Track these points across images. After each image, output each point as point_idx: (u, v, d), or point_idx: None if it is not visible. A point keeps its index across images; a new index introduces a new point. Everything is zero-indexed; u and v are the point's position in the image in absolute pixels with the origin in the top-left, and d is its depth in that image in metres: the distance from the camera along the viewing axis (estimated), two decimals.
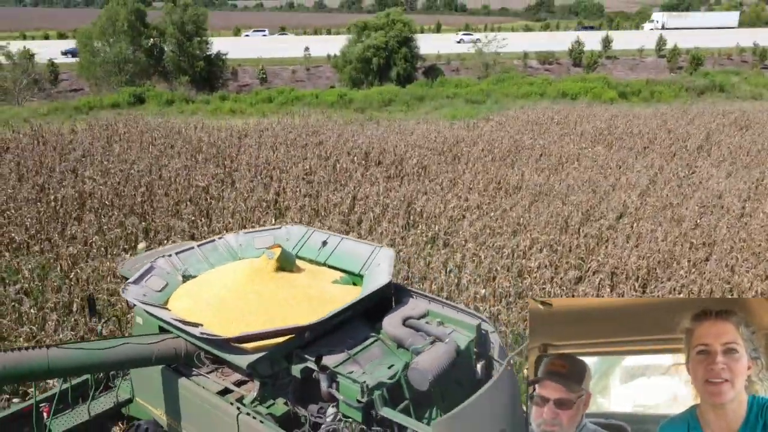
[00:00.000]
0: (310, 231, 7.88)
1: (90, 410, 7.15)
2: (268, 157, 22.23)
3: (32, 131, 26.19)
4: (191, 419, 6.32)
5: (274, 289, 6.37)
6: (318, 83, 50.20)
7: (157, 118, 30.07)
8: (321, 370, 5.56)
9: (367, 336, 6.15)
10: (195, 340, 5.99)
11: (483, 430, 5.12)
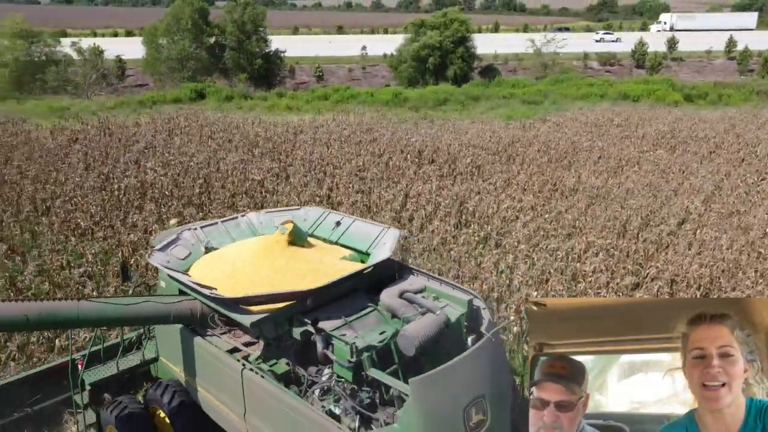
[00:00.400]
0: (326, 213, 8.50)
1: (119, 366, 7.87)
2: (322, 153, 22.45)
3: (99, 123, 27.32)
4: (204, 375, 6.88)
5: (284, 261, 6.88)
6: (373, 82, 50.43)
7: (216, 113, 30.84)
8: (317, 332, 6.13)
9: (366, 306, 6.62)
10: (208, 302, 6.60)
11: (459, 392, 5.49)
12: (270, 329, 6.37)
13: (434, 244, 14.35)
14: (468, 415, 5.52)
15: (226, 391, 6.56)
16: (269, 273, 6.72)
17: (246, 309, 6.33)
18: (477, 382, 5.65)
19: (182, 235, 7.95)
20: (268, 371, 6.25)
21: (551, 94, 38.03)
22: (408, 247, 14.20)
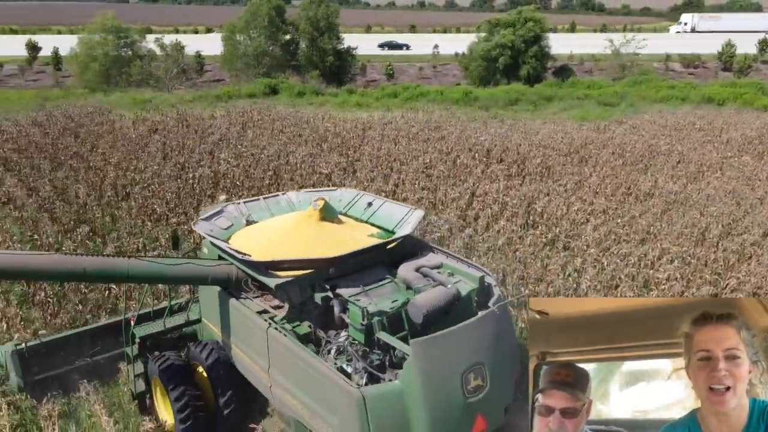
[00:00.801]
0: (360, 194, 9.05)
1: (165, 324, 8.70)
2: (389, 149, 22.51)
3: (178, 115, 28.46)
4: (237, 334, 7.49)
5: (314, 234, 7.45)
6: (444, 81, 50.13)
7: (288, 108, 31.50)
8: (335, 297, 6.77)
9: (384, 278, 7.10)
10: (241, 266, 7.29)
11: (458, 357, 5.86)
12: (295, 293, 6.95)
13: (499, 244, 14.09)
14: (466, 379, 5.88)
15: (254, 348, 7.12)
16: (299, 244, 7.26)
17: (273, 273, 6.97)
18: (477, 350, 5.99)
19: (227, 208, 8.69)
20: (291, 331, 6.73)
21: (629, 96, 36.58)
22: (472, 245, 14.02)
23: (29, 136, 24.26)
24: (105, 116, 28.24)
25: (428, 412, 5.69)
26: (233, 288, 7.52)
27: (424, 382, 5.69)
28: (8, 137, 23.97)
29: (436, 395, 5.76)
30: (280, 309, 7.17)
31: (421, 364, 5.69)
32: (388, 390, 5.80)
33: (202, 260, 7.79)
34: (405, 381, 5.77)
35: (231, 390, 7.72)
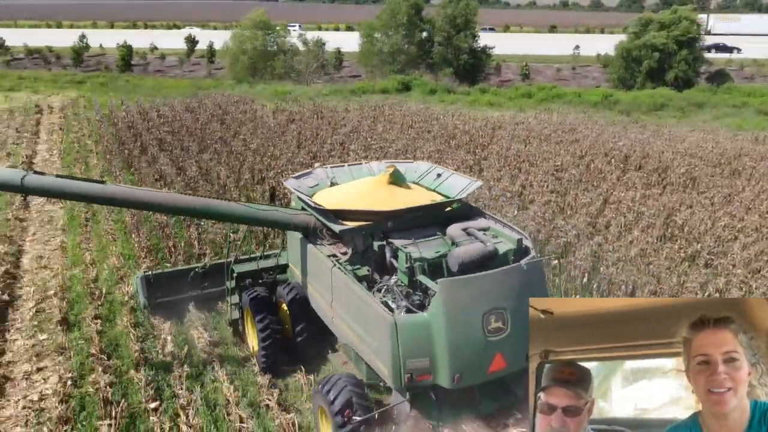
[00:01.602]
0: (432, 167, 9.86)
1: (259, 264, 10.35)
2: (519, 149, 21.89)
3: (314, 107, 29.67)
4: (311, 274, 8.74)
5: (382, 195, 8.44)
6: (583, 83, 47.91)
7: (419, 105, 31.70)
8: (388, 245, 7.80)
9: (434, 235, 7.94)
10: (317, 215, 8.46)
11: (481, 299, 6.62)
12: (357, 241, 8.04)
13: (631, 255, 13.17)
14: (487, 320, 6.63)
15: (323, 285, 8.29)
16: (368, 202, 8.28)
17: (340, 222, 8.07)
18: (499, 296, 6.73)
19: (315, 171, 10.03)
20: (350, 271, 7.73)
21: None
22: (601, 254, 13.22)
23: (182, 120, 26.47)
24: (248, 105, 30.11)
25: (449, 342, 6.57)
26: (311, 235, 8.77)
27: (447, 315, 6.56)
28: (165, 120, 26.33)
29: (458, 328, 6.59)
30: (346, 254, 8.18)
31: (446, 301, 6.58)
32: (416, 319, 6.74)
33: (287, 209, 9.24)
34: (431, 314, 6.68)
35: (305, 323, 9.11)
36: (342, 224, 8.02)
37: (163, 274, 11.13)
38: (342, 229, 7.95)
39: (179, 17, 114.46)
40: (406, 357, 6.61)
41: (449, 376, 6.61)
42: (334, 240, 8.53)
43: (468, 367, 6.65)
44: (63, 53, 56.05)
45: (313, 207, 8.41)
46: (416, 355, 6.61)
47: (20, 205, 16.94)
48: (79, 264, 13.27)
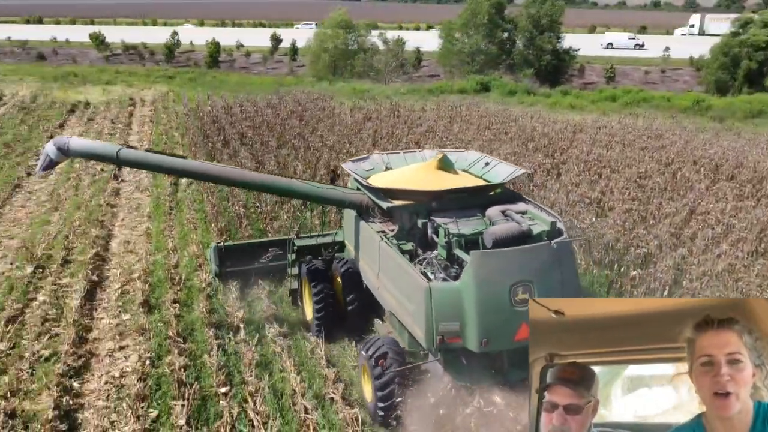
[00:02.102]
0: (482, 156, 10.42)
1: (317, 240, 11.42)
2: (600, 154, 21.11)
3: (391, 106, 29.79)
4: (362, 248, 9.63)
5: (430, 179, 9.07)
6: (673, 87, 45.65)
7: (497, 106, 31.21)
8: (430, 222, 8.53)
9: (475, 215, 8.56)
10: (368, 193, 9.29)
11: (509, 272, 7.21)
12: (404, 218, 8.81)
13: (718, 270, 12.41)
14: (514, 291, 7.16)
15: (371, 257, 9.12)
16: (415, 184, 8.98)
17: (389, 200, 8.87)
18: (527, 270, 7.26)
19: (372, 156, 10.90)
20: (395, 245, 8.51)
21: None
22: (684, 267, 12.55)
23: (263, 116, 27.27)
24: (327, 102, 30.64)
25: (478, 309, 7.18)
26: (364, 213, 9.54)
27: (477, 285, 7.17)
28: (247, 116, 27.22)
29: (486, 297, 7.18)
30: (394, 231, 8.95)
31: (476, 271, 7.21)
32: (449, 287, 7.43)
33: (344, 189, 10.20)
34: (463, 282, 7.32)
35: (355, 294, 9.92)
36: (390, 202, 8.88)
37: (233, 245, 12.28)
38: (389, 207, 8.84)
39: (266, 16, 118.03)
40: (439, 320, 7.29)
41: (477, 340, 7.24)
42: (384, 218, 9.29)
43: (495, 333, 7.21)
44: (156, 49, 59.10)
45: (366, 186, 9.34)
46: (447, 319, 7.29)
47: (112, 192, 18.00)
48: (161, 250, 13.93)
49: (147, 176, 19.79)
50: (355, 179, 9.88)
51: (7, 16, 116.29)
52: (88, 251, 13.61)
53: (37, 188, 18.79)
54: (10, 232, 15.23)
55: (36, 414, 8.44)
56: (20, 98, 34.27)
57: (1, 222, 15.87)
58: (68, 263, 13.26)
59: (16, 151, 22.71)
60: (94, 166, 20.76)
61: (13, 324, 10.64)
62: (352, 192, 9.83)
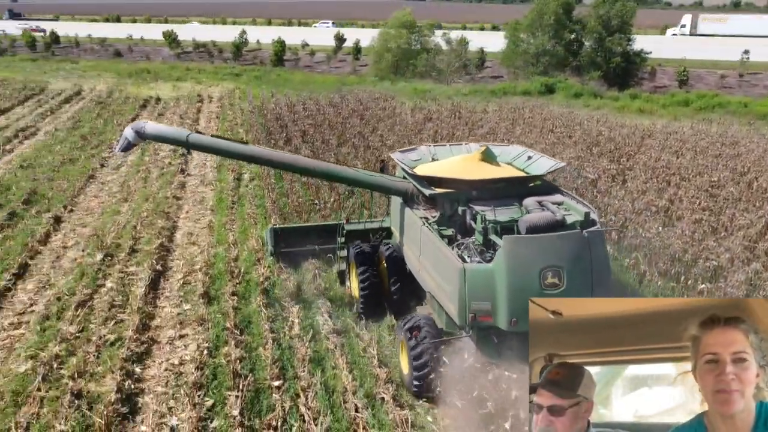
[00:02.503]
0: (526, 150, 10.83)
1: (365, 225, 12.45)
2: (669, 161, 20.27)
3: (452, 107, 29.57)
4: (406, 233, 10.18)
5: (472, 169, 9.67)
6: (752, 92, 43.29)
7: (561, 108, 30.47)
8: (469, 209, 9.03)
9: (512, 204, 8.99)
10: (413, 181, 9.85)
11: (540, 256, 7.59)
12: (446, 205, 9.31)
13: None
14: (544, 275, 7.57)
15: (413, 241, 9.65)
16: (458, 174, 9.59)
17: (431, 188, 9.44)
18: (558, 255, 7.61)
19: (420, 147, 11.51)
20: (436, 230, 9.01)
21: None
22: (758, 283, 11.87)
23: (325, 114, 27.62)
24: (388, 102, 30.71)
25: (508, 290, 7.63)
26: (409, 200, 10.05)
27: (508, 267, 7.63)
28: (309, 114, 27.63)
29: (516, 279, 7.60)
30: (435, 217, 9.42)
31: (508, 255, 7.68)
32: (482, 268, 7.92)
33: (392, 177, 10.81)
34: (495, 264, 7.81)
35: (398, 277, 10.54)
36: (432, 190, 9.43)
37: (288, 228, 13.46)
38: (431, 194, 9.40)
39: (331, 15, 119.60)
40: (471, 299, 7.78)
41: (507, 319, 7.69)
42: (427, 205, 9.77)
43: (524, 313, 7.15)
44: (225, 47, 60.82)
45: (411, 174, 9.98)
46: (480, 299, 7.76)
47: (178, 185, 18.63)
48: (222, 243, 14.31)
49: (211, 171, 20.41)
50: (401, 168, 10.42)
51: (89, 14, 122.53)
52: (153, 241, 14.14)
53: (110, 179, 19.68)
54: (83, 220, 16.00)
55: (100, 395, 8.81)
56: (97, 93, 36.01)
57: (76, 211, 16.70)
58: (135, 252, 13.81)
59: (92, 144, 23.86)
60: (162, 159, 21.59)
61: (83, 308, 11.16)
62: (399, 180, 10.49)
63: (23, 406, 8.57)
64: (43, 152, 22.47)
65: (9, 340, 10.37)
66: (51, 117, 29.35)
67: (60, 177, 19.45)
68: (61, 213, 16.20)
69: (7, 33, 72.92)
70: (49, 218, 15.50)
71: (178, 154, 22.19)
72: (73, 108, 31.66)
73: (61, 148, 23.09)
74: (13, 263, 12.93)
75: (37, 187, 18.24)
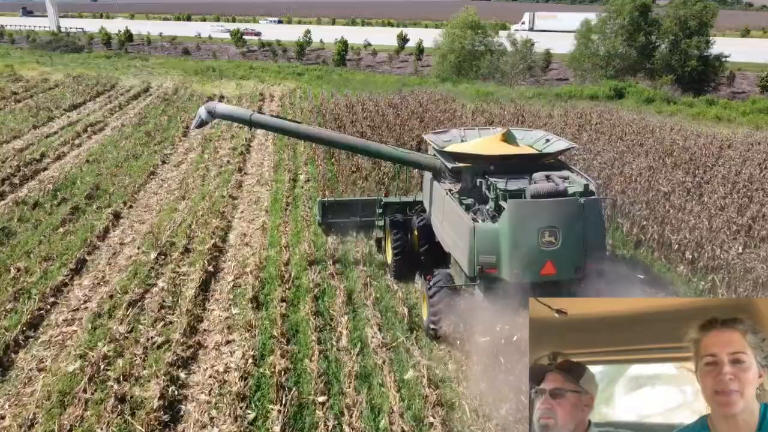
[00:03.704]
0: (546, 134, 11.74)
1: (401, 199, 13.88)
2: (751, 174, 18.78)
3: (515, 110, 28.60)
4: (434, 203, 11.43)
5: (493, 147, 10.82)
6: None
7: (632, 114, 28.99)
8: (485, 180, 10.14)
9: (524, 178, 9.91)
10: (440, 157, 11.07)
11: (539, 217, 8.86)
12: (466, 178, 10.48)
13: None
14: (542, 234, 8.82)
15: (439, 209, 10.91)
16: (480, 151, 10.65)
17: (455, 162, 10.57)
18: (553, 217, 8.86)
19: (451, 131, 12.57)
20: (457, 199, 10.24)
21: None
22: None
23: (384, 115, 27.22)
24: (449, 105, 30.01)
25: (510, 245, 8.95)
26: (438, 175, 11.27)
27: (510, 226, 8.92)
28: (367, 114, 27.30)
29: (517, 237, 8.88)
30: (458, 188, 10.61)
31: (510, 215, 8.96)
32: (488, 227, 9.21)
33: (424, 154, 12.25)
34: (500, 224, 9.11)
35: (427, 243, 11.79)
36: (455, 163, 10.56)
37: (335, 201, 15.03)
38: (454, 167, 10.59)
39: (393, 15, 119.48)
40: (479, 253, 9.09)
41: (509, 271, 8.98)
42: (452, 179, 10.89)
43: (524, 266, 8.90)
44: (289, 46, 61.55)
45: (438, 150, 11.11)
46: (486, 253, 9.06)
47: (235, 184, 18.65)
48: (275, 245, 14.11)
49: (268, 170, 20.36)
50: (432, 146, 11.65)
51: (162, 12, 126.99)
52: (207, 241, 14.08)
53: (170, 176, 19.93)
54: (142, 217, 16.18)
55: (143, 401, 8.67)
56: (164, 90, 36.92)
57: (136, 207, 16.92)
58: (188, 252, 13.79)
59: (155, 140, 24.32)
60: (221, 158, 21.73)
61: (134, 308, 11.14)
62: (430, 157, 11.77)
63: (68, 407, 8.52)
64: (108, 147, 23.05)
65: (61, 336, 10.44)
66: (119, 113, 30.21)
67: (123, 172, 19.84)
68: (121, 209, 16.43)
69: (86, 31, 76.51)
70: (109, 214, 15.74)
71: (237, 152, 22.33)
72: (141, 104, 32.52)
73: (126, 143, 23.62)
74: (71, 258, 13.12)
75: (100, 182, 18.64)
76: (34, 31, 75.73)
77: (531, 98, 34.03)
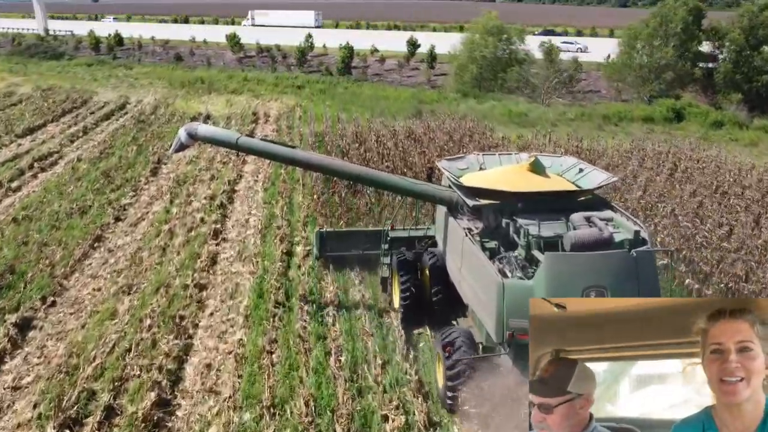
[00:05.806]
0: (578, 163, 10.46)
1: (409, 233, 12.34)
2: None
3: (567, 142, 23.21)
4: (449, 243, 10.17)
5: (520, 180, 9.48)
6: None
7: (695, 140, 23.60)
8: (513, 222, 8.96)
9: (559, 219, 8.79)
10: (456, 190, 9.86)
11: (583, 275, 7.58)
12: (490, 217, 9.22)
13: None
14: (587, 295, 7.48)
15: (456, 252, 9.57)
16: (504, 185, 9.29)
17: (475, 198, 9.34)
18: (602, 276, 7.56)
19: (468, 156, 11.43)
20: (479, 242, 8.98)
21: None
22: None
23: (403, 148, 21.94)
24: (484, 135, 24.47)
25: None
26: (454, 210, 10.01)
27: (549, 285, 7.59)
28: (383, 148, 21.98)
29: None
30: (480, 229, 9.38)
31: (549, 272, 7.68)
32: (520, 284, 7.93)
33: (437, 186, 10.82)
34: (535, 281, 7.83)
35: (440, 286, 10.56)
36: (476, 200, 9.28)
37: (334, 232, 13.59)
38: (474, 204, 9.27)
39: (400, 17, 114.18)
40: (510, 316, 7.72)
41: None
42: (471, 216, 9.54)
43: None
44: (290, 51, 56.30)
45: (455, 184, 9.82)
46: (519, 316, 7.48)
47: (206, 260, 13.44)
48: (253, 399, 8.89)
49: (254, 233, 15.22)
50: (447, 177, 10.19)
51: (159, 14, 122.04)
52: (145, 394, 8.87)
53: (120, 244, 14.79)
54: (60, 329, 10.98)
55: None
56: (142, 107, 31.81)
57: (59, 306, 11.77)
58: (113, 416, 8.55)
59: (114, 183, 19.16)
60: (192, 213, 16.50)
61: None
62: (444, 189, 10.34)
63: None
64: (51, 196, 17.90)
65: None
66: (82, 139, 25.19)
67: (57, 240, 14.66)
68: (34, 313, 11.32)
69: (75, 34, 71.62)
70: (9, 327, 10.56)
71: (216, 204, 17.13)
72: (110, 127, 27.43)
73: (75, 189, 18.45)
74: None
75: (20, 258, 13.52)
76: (20, 34, 70.80)
77: (574, 120, 28.75)
